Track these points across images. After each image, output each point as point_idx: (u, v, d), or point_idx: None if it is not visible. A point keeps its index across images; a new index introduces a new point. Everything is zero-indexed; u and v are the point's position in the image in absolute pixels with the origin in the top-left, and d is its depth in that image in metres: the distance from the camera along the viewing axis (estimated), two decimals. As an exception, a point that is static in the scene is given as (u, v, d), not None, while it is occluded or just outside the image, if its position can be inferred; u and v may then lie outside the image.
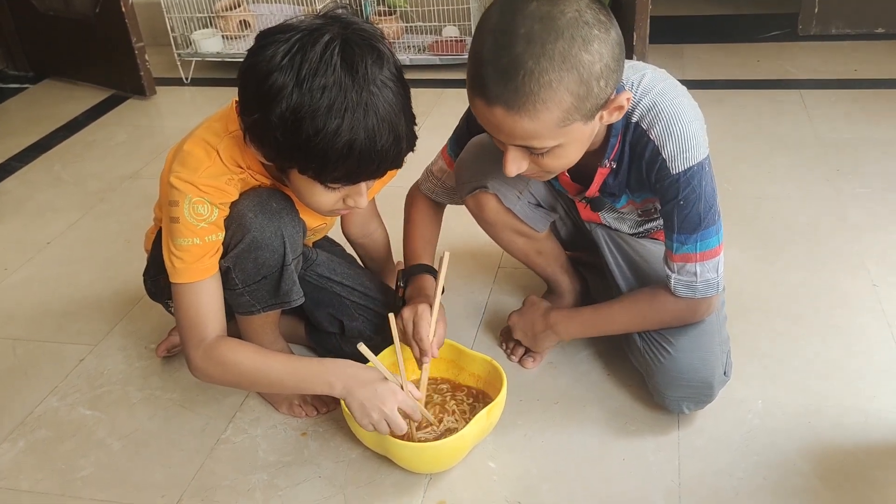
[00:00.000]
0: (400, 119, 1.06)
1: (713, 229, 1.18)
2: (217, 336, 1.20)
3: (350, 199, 1.16)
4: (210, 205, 1.15)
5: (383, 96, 1.04)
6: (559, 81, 0.97)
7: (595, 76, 0.99)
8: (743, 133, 2.32)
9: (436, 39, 2.99)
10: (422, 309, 1.28)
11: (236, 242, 1.19)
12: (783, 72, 2.75)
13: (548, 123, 1.01)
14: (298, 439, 1.36)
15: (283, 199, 1.24)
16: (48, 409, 1.48)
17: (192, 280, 1.18)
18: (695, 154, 1.14)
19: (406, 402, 1.18)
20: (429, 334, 1.27)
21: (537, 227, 1.44)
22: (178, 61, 3.01)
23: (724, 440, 1.30)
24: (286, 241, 1.22)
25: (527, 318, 1.45)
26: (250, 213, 1.18)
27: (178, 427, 1.41)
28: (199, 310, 1.19)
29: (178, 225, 1.15)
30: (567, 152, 1.09)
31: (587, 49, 0.97)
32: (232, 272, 1.22)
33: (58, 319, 1.73)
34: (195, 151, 1.16)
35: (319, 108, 1.01)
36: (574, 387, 1.44)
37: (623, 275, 1.40)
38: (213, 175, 1.16)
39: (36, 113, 2.87)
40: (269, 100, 1.02)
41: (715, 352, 1.27)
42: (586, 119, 1.04)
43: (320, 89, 1.01)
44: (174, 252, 1.17)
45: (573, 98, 0.99)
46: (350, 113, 1.01)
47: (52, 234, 2.07)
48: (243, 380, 1.23)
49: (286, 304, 1.29)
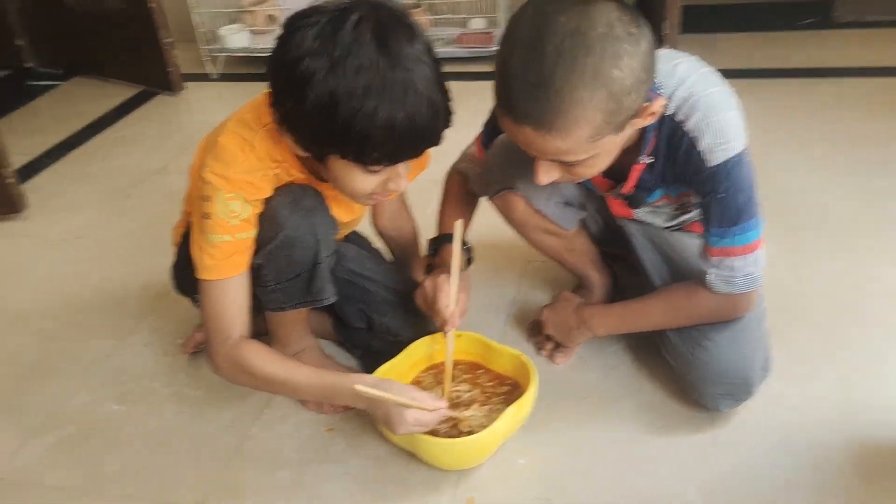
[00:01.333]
0: (437, 94, 1.04)
1: (753, 222, 1.14)
2: (241, 337, 1.19)
3: (391, 183, 1.13)
4: (243, 201, 1.14)
5: (419, 72, 1.01)
6: (589, 100, 0.95)
7: (625, 91, 0.96)
8: (777, 124, 2.27)
9: (463, 32, 2.96)
10: (441, 279, 1.26)
11: (269, 239, 1.18)
12: (818, 60, 2.69)
13: (578, 141, 0.99)
14: (325, 436, 1.35)
15: (317, 196, 1.22)
16: (76, 404, 1.47)
17: (221, 277, 1.16)
18: (732, 145, 1.10)
19: (419, 421, 1.13)
20: (447, 304, 1.24)
21: (567, 225, 1.41)
22: (206, 57, 3.02)
23: (761, 437, 1.27)
24: (320, 239, 1.20)
25: (560, 313, 1.42)
26: (284, 211, 1.17)
27: (204, 424, 1.40)
28: (226, 308, 1.18)
29: (210, 221, 1.14)
30: (600, 161, 1.07)
31: (617, 65, 0.94)
32: (264, 269, 1.20)
33: (85, 314, 1.73)
34: (229, 146, 1.14)
35: (356, 90, 0.98)
36: (604, 382, 1.41)
37: (657, 270, 1.36)
38: (246, 170, 1.14)
39: (65, 110, 2.89)
40: (303, 86, 1.00)
41: (754, 347, 1.23)
42: (618, 131, 1.01)
43: (355, 70, 0.98)
44: (204, 248, 1.15)
45: (604, 115, 0.97)
46: (388, 92, 0.99)
47: (82, 229, 2.08)
48: (263, 385, 1.22)
49: (318, 303, 1.27)
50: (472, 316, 1.53)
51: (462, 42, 2.91)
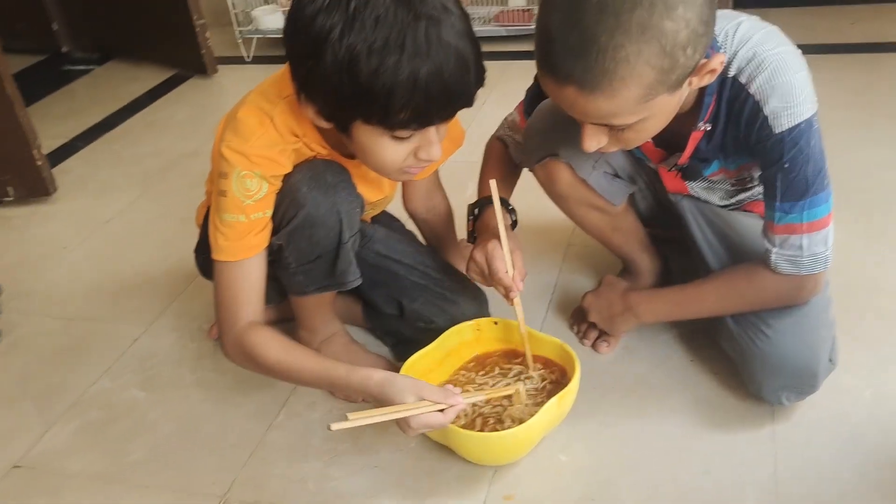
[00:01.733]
0: (466, 44, 0.96)
1: (823, 196, 1.05)
2: (249, 322, 1.13)
3: (422, 152, 1.05)
4: (260, 179, 1.08)
5: (443, 21, 0.94)
6: (637, 55, 0.86)
7: (681, 45, 0.87)
8: (840, 101, 2.15)
9: (501, 10, 2.89)
10: (492, 246, 1.17)
11: (290, 218, 1.12)
12: (881, 34, 2.56)
13: (627, 101, 0.91)
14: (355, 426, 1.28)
15: (340, 171, 1.15)
16: (101, 390, 1.45)
17: (234, 258, 1.12)
18: (802, 109, 1.01)
19: (426, 425, 1.04)
20: (506, 270, 1.16)
21: (614, 200, 1.32)
22: (240, 39, 2.98)
23: (826, 435, 1.18)
24: (342, 218, 1.14)
25: (604, 298, 1.34)
26: (304, 188, 1.10)
27: (229, 411, 1.36)
28: (238, 291, 1.13)
29: (226, 199, 1.09)
30: (651, 125, 0.99)
31: (670, 15, 0.85)
32: (285, 250, 1.15)
33: (113, 298, 1.70)
34: (248, 119, 1.09)
35: (375, 43, 0.91)
36: (653, 373, 1.33)
37: (714, 251, 1.27)
38: (265, 144, 1.08)
39: (100, 94, 2.89)
40: (319, 45, 0.93)
41: (820, 335, 1.14)
42: (672, 90, 0.93)
43: (373, 22, 0.91)
44: (219, 227, 1.11)
45: (655, 72, 0.88)
46: (410, 43, 0.92)
47: (111, 212, 2.06)
48: (271, 373, 1.16)
49: (342, 286, 1.21)
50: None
51: (501, 20, 2.84)
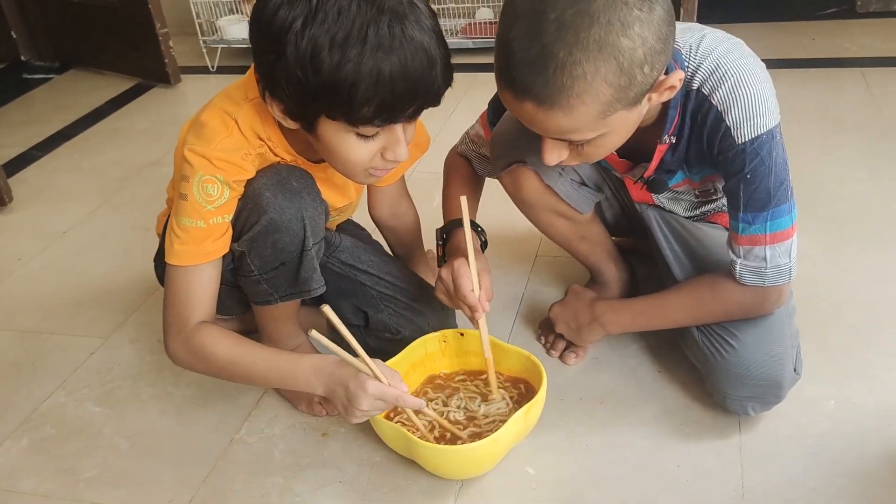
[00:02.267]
0: (431, 39, 0.94)
1: (785, 207, 1.05)
2: (199, 322, 1.11)
3: (389, 152, 1.04)
4: (222, 184, 1.06)
5: (408, 14, 0.92)
6: (595, 72, 0.86)
7: (637, 63, 0.87)
8: (802, 113, 2.18)
9: (469, 22, 2.89)
10: (458, 264, 1.16)
11: (252, 224, 1.09)
12: (842, 50, 2.60)
13: (585, 117, 0.91)
14: (318, 440, 1.27)
15: (305, 177, 1.13)
16: (55, 405, 1.40)
17: (189, 264, 1.09)
18: (764, 121, 1.01)
19: (383, 393, 1.04)
20: (472, 289, 1.15)
21: (581, 208, 1.31)
22: (204, 49, 2.95)
23: (792, 445, 1.18)
24: (307, 224, 1.11)
25: (570, 309, 1.33)
26: (268, 193, 1.08)
27: (190, 426, 1.33)
28: (189, 296, 1.10)
29: (186, 203, 1.06)
30: (611, 140, 0.99)
31: (626, 33, 0.85)
32: (247, 257, 1.12)
33: (69, 310, 1.66)
34: (211, 122, 1.07)
35: (338, 35, 0.90)
36: (622, 384, 1.32)
37: (679, 261, 1.26)
38: (228, 148, 1.06)
39: (60, 102, 2.83)
40: (283, 37, 0.92)
41: (785, 346, 1.14)
42: (630, 106, 0.93)
43: (336, 14, 0.90)
44: (176, 231, 1.08)
45: (613, 89, 0.88)
46: (373, 34, 0.90)
47: (69, 222, 2.01)
48: (221, 371, 1.13)
49: (306, 294, 1.19)
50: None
51: (468, 33, 2.84)
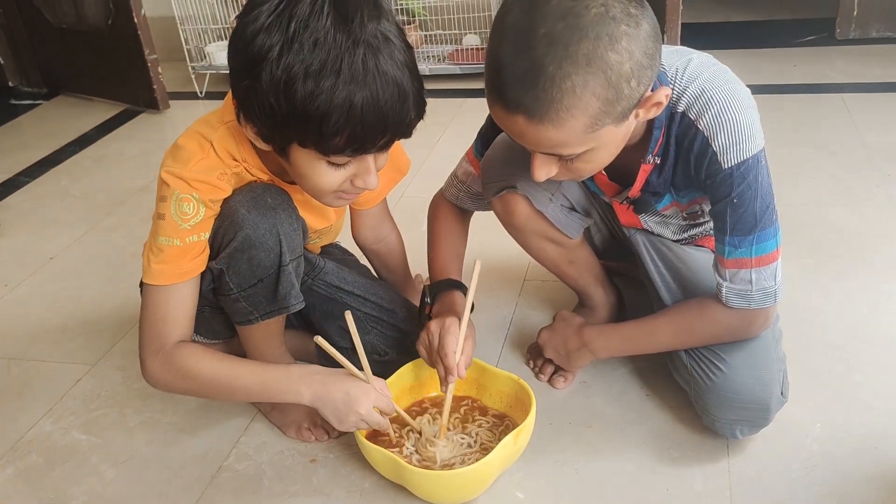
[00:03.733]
0: (404, 73, 0.96)
1: (770, 231, 1.06)
2: (178, 342, 1.11)
3: (358, 180, 1.05)
4: (197, 202, 1.07)
5: (383, 49, 0.94)
6: (584, 86, 0.88)
7: (625, 77, 0.89)
8: (784, 138, 2.21)
9: (456, 48, 2.92)
10: (449, 322, 1.17)
11: (228, 241, 1.10)
12: (822, 76, 2.64)
13: (574, 131, 0.92)
14: (307, 466, 1.26)
15: (280, 194, 1.14)
16: (40, 433, 1.39)
17: (166, 283, 1.09)
18: (750, 145, 1.02)
19: (380, 402, 1.10)
20: (455, 350, 1.16)
21: (570, 233, 1.32)
22: (193, 75, 2.96)
23: (780, 469, 1.18)
24: (282, 240, 1.12)
25: (559, 334, 1.33)
26: (243, 209, 1.09)
27: (177, 453, 1.31)
28: (167, 315, 1.11)
29: (163, 222, 1.08)
30: (599, 155, 0.99)
31: (614, 48, 0.87)
32: (226, 275, 1.12)
33: (56, 337, 1.65)
34: (188, 145, 1.08)
35: (312, 65, 0.91)
36: (610, 408, 1.32)
37: (667, 285, 1.27)
38: (204, 169, 1.07)
39: (48, 128, 2.83)
40: (258, 63, 0.93)
41: (772, 369, 1.14)
42: (618, 121, 0.94)
43: (312, 44, 0.91)
44: (153, 250, 1.09)
45: (601, 103, 0.90)
46: (347, 67, 0.91)
47: (56, 248, 2.00)
48: (203, 388, 1.14)
49: (285, 310, 1.18)
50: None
51: (455, 59, 2.86)
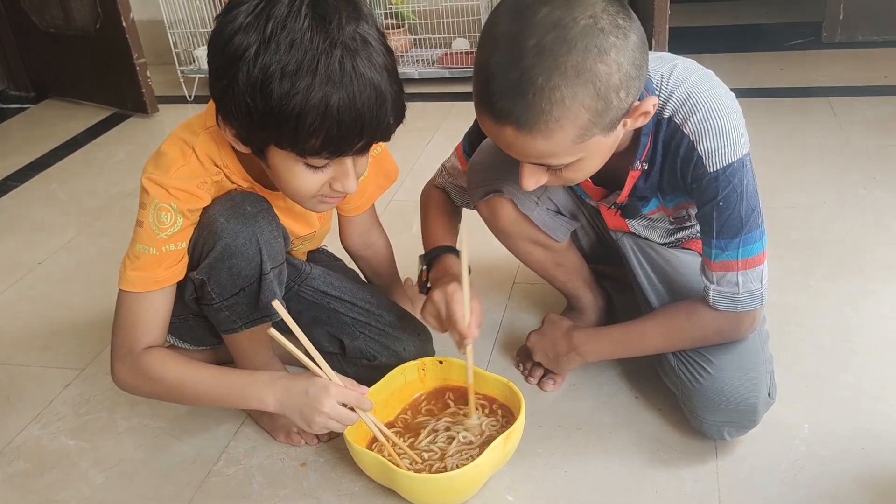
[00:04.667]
0: (382, 76, 0.96)
1: (756, 234, 1.07)
2: (146, 347, 1.12)
3: (337, 183, 1.04)
4: (175, 212, 1.07)
5: (361, 51, 0.94)
6: (573, 97, 0.88)
7: (613, 88, 0.90)
8: (771, 141, 2.22)
9: (445, 52, 2.92)
10: (452, 289, 1.16)
11: (208, 251, 1.10)
12: (809, 79, 2.66)
13: (563, 142, 0.92)
14: (297, 470, 1.26)
15: (259, 201, 1.14)
16: (28, 438, 1.38)
17: (140, 290, 1.10)
18: (735, 149, 1.03)
19: (345, 396, 1.07)
20: (464, 315, 1.16)
21: (557, 236, 1.32)
22: (182, 78, 2.95)
23: (769, 470, 1.18)
24: (262, 248, 1.12)
25: (547, 338, 1.34)
26: (221, 218, 1.09)
27: (166, 458, 1.31)
28: (138, 321, 1.11)
29: (142, 230, 1.08)
30: (588, 164, 1.00)
31: (603, 59, 0.88)
32: (207, 285, 1.12)
33: (44, 342, 1.64)
34: (170, 151, 1.09)
35: (289, 65, 0.91)
36: (599, 410, 1.33)
37: (654, 288, 1.28)
38: (185, 176, 1.07)
39: (36, 132, 2.82)
40: (236, 63, 0.93)
41: (759, 371, 1.15)
42: (607, 131, 0.95)
43: (288, 45, 0.91)
44: (130, 256, 1.10)
45: (590, 114, 0.90)
46: (324, 68, 0.91)
47: (45, 253, 1.99)
48: (169, 394, 1.15)
49: (268, 318, 1.18)
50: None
51: (444, 63, 2.87)
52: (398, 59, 2.90)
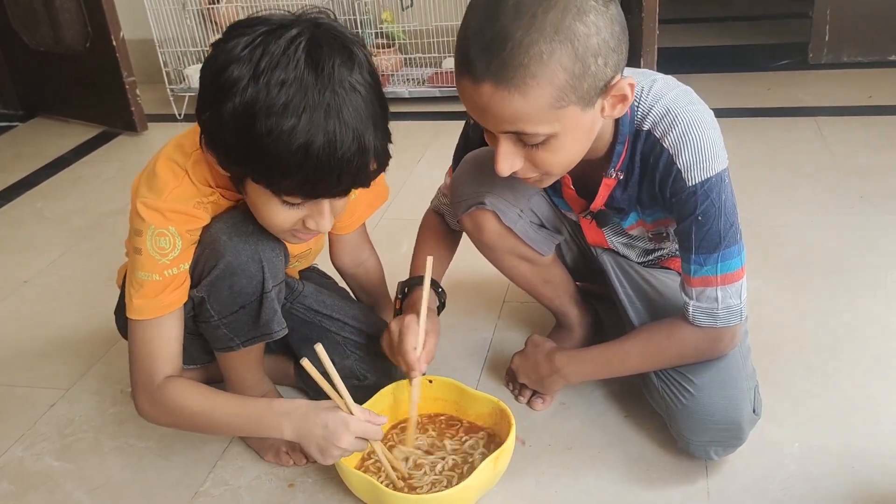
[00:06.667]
0: (367, 128, 0.96)
1: (735, 249, 1.07)
2: (166, 377, 1.10)
3: (311, 221, 1.05)
4: (174, 236, 1.06)
5: (350, 100, 0.94)
6: (550, 54, 0.88)
7: (591, 51, 0.90)
8: (758, 160, 2.23)
9: (435, 71, 2.93)
10: (408, 321, 1.17)
11: (210, 269, 1.09)
12: (796, 100, 2.69)
13: (539, 103, 0.91)
14: (285, 491, 1.24)
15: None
16: (12, 459, 1.36)
17: (149, 317, 1.09)
18: (714, 164, 1.04)
19: (363, 430, 1.07)
20: (413, 347, 1.16)
21: (541, 249, 1.32)
22: (171, 97, 2.95)
23: (758, 489, 1.18)
24: (265, 266, 1.11)
25: (530, 360, 1.33)
26: (224, 237, 1.08)
27: (152, 478, 1.29)
28: (154, 349, 1.10)
29: (141, 257, 1.07)
30: (564, 144, 0.98)
31: (582, 20, 0.88)
32: (207, 302, 1.11)
33: (30, 361, 1.62)
34: (163, 173, 1.07)
35: (275, 105, 0.91)
36: (589, 430, 1.32)
37: (633, 306, 1.28)
38: (179, 198, 1.06)
39: (23, 150, 2.81)
40: (224, 93, 0.93)
41: (741, 388, 1.15)
42: (584, 103, 0.94)
43: (278, 84, 0.91)
44: (134, 285, 1.08)
45: (567, 75, 0.90)
46: (308, 112, 0.91)
47: (31, 272, 1.97)
48: (189, 424, 1.14)
49: (267, 337, 1.18)
50: (447, 361, 1.46)
51: (434, 82, 2.88)
52: (388, 79, 2.92)
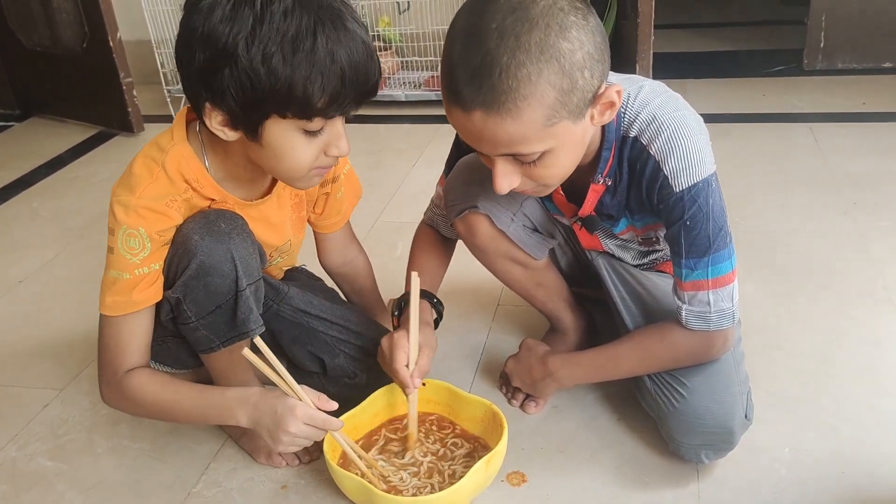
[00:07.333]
0: (364, 33, 1.01)
1: (725, 253, 1.08)
2: (129, 370, 1.13)
3: (332, 147, 1.06)
4: (142, 238, 1.07)
5: (346, 13, 0.99)
6: (539, 74, 0.89)
7: (578, 66, 0.91)
8: (752, 166, 2.24)
9: (432, 75, 2.93)
10: (398, 336, 1.18)
11: (183, 269, 1.09)
12: (790, 105, 2.69)
13: (532, 123, 0.92)
14: (278, 493, 1.24)
15: (233, 218, 1.14)
16: (5, 459, 1.36)
17: (119, 314, 1.11)
18: (700, 169, 1.05)
19: (311, 417, 1.07)
20: (405, 364, 1.16)
21: (535, 253, 1.32)
22: (168, 97, 2.95)
23: (749, 493, 1.18)
24: (237, 264, 1.11)
25: (524, 364, 1.34)
26: (196, 236, 1.08)
27: (145, 479, 1.29)
28: (120, 344, 1.13)
29: (112, 256, 1.09)
30: (559, 158, 0.99)
31: (565, 36, 0.89)
32: (183, 304, 1.12)
33: (23, 361, 1.62)
34: (139, 170, 1.09)
35: (287, 34, 0.95)
36: (581, 433, 1.32)
37: (628, 309, 1.29)
38: (152, 196, 1.07)
39: (19, 150, 2.81)
40: (232, 48, 0.95)
41: (733, 392, 1.15)
42: (574, 117, 0.95)
43: (282, 15, 0.95)
44: (106, 282, 1.10)
45: (557, 92, 0.91)
46: (321, 29, 0.96)
47: (25, 271, 1.97)
48: (152, 413, 1.19)
49: (245, 335, 1.17)
50: (441, 364, 1.46)
51: (431, 85, 2.88)
52: (384, 82, 2.92)
